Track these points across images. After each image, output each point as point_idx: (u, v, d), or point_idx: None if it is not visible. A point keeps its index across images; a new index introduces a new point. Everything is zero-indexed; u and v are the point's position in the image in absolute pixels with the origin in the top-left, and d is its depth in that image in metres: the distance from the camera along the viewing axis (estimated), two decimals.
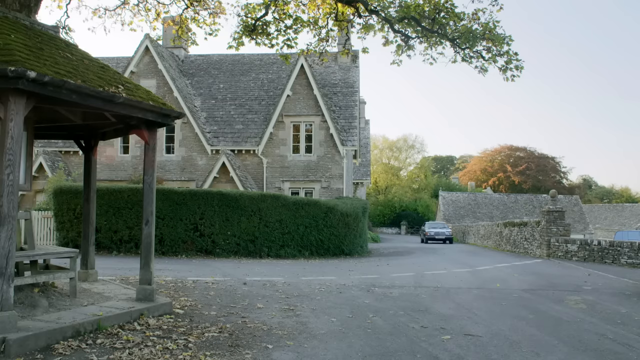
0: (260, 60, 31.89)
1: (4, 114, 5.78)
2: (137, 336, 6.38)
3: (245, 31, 14.00)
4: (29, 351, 5.59)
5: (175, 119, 8.07)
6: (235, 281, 11.45)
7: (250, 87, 29.99)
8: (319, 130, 27.11)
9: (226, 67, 31.53)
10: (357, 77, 30.27)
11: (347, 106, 28.65)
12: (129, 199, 16.90)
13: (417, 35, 13.78)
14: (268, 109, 28.17)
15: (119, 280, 10.20)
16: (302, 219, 18.53)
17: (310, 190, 26.89)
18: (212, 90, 30.01)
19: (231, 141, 27.44)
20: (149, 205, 7.84)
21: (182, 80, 29.82)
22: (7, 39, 6.32)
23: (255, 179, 26.91)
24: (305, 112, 27.31)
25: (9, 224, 5.75)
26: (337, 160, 26.91)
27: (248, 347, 6.18)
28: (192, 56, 32.93)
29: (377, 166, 68.54)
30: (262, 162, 27.02)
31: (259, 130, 27.49)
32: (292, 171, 27.13)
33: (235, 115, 28.50)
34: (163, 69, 27.69)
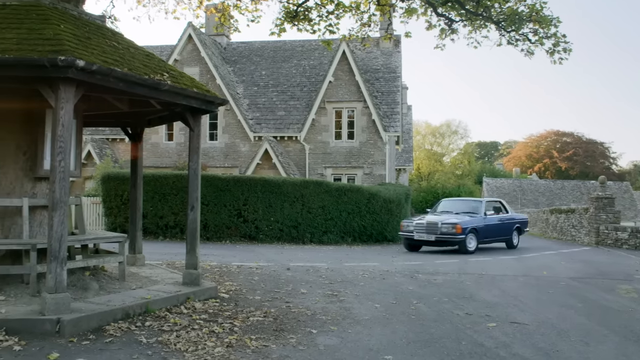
0: (301, 46, 31.85)
1: (55, 103, 5.93)
2: (184, 319, 6.50)
3: (287, 17, 13.97)
4: (81, 332, 5.77)
5: (218, 105, 8.14)
6: (278, 266, 11.55)
7: (292, 73, 30.01)
8: (361, 116, 26.98)
9: (268, 54, 31.62)
10: (399, 62, 29.95)
11: (389, 92, 28.41)
12: (174, 185, 17.18)
13: (461, 19, 13.52)
14: (310, 96, 28.16)
15: (165, 264, 10.41)
16: (345, 205, 18.52)
17: (353, 177, 26.85)
18: (255, 77, 30.16)
19: (273, 128, 27.58)
20: (194, 191, 7.95)
21: (225, 67, 30.04)
22: (57, 29, 6.46)
23: (297, 166, 27.00)
24: (347, 98, 27.21)
25: (61, 209, 5.92)
26: (379, 146, 26.77)
27: (292, 332, 6.23)
28: (234, 43, 33.12)
29: (419, 152, 67.84)
30: (305, 149, 27.07)
31: (301, 117, 27.53)
32: (334, 157, 27.11)
33: (277, 102, 28.60)
34: (206, 57, 27.95)
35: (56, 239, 5.90)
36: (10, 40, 6.04)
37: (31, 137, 7.42)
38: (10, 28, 6.36)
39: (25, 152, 7.43)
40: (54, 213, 5.92)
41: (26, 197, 7.31)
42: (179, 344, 5.54)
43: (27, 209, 7.18)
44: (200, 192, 8.25)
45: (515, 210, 40.98)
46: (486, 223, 17.61)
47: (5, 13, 6.78)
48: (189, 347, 5.46)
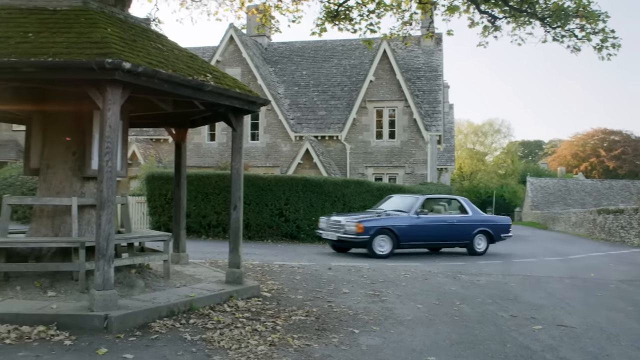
0: (342, 46, 31.83)
1: (102, 104, 6.07)
2: (227, 317, 6.58)
3: (328, 17, 13.97)
4: (128, 328, 5.89)
5: (261, 105, 8.21)
6: (320, 266, 11.57)
7: (333, 73, 30.03)
8: (402, 116, 26.81)
9: (308, 54, 31.71)
10: (440, 61, 29.65)
11: (431, 90, 28.16)
12: (217, 185, 17.39)
13: (505, 16, 13.27)
14: (351, 95, 28.13)
15: (208, 263, 10.54)
16: None
17: (394, 176, 26.71)
18: (295, 77, 30.29)
19: (314, 127, 27.65)
20: (236, 190, 8.03)
21: (266, 68, 30.26)
22: (104, 32, 6.62)
23: (338, 165, 27.00)
24: (388, 97, 27.08)
25: (108, 208, 6.06)
26: (420, 145, 26.55)
27: (334, 331, 6.24)
28: (275, 44, 33.33)
29: (461, 151, 67.06)
30: (345, 148, 27.06)
31: (342, 116, 27.52)
32: (375, 157, 27.02)
33: (318, 102, 28.66)
34: (247, 57, 28.21)
35: (104, 237, 6.04)
36: (60, 44, 6.21)
37: (80, 138, 7.62)
38: (60, 32, 6.54)
39: (74, 153, 7.64)
40: (101, 212, 6.06)
41: (75, 196, 7.51)
42: (222, 342, 5.61)
43: (75, 207, 7.37)
44: (243, 192, 8.32)
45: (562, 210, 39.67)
46: (416, 223, 14.72)
47: (56, 18, 6.98)
48: (233, 345, 5.52)
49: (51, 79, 6.20)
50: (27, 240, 7.40)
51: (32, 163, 7.98)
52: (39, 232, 7.68)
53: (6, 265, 7.01)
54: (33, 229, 7.82)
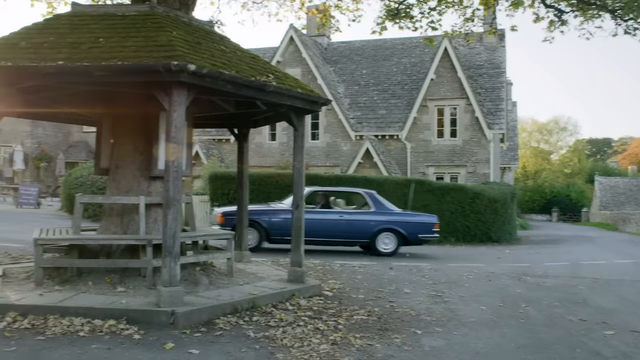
0: (402, 44, 31.58)
1: (168, 106, 6.23)
2: (290, 316, 6.63)
3: (388, 15, 13.88)
4: (193, 324, 6.03)
5: (322, 105, 8.24)
6: (381, 265, 11.51)
7: (393, 71, 29.83)
8: (464, 114, 26.36)
9: (368, 53, 31.61)
10: (503, 58, 28.97)
11: (493, 88, 27.56)
12: (278, 184, 17.57)
13: (572, 9, 12.84)
14: (411, 94, 27.86)
15: (270, 261, 10.65)
16: (448, 204, 18.19)
17: (456, 175, 26.29)
18: (355, 76, 30.26)
19: (375, 127, 27.55)
20: (298, 190, 8.08)
21: (326, 67, 30.36)
22: (170, 35, 6.79)
23: (399, 164, 26.80)
24: (449, 96, 26.68)
25: (174, 206, 6.22)
26: (483, 144, 26.03)
27: (396, 332, 6.19)
28: (335, 43, 33.38)
29: (525, 150, 65.27)
30: (406, 147, 26.83)
31: (402, 115, 27.30)
32: (436, 156, 26.68)
33: (378, 101, 28.54)
34: (307, 57, 28.38)
35: (170, 235, 6.20)
36: (129, 48, 6.42)
37: (147, 138, 7.85)
38: (129, 37, 6.76)
39: (142, 153, 7.88)
40: (167, 211, 6.22)
41: (142, 195, 7.74)
42: (285, 340, 5.66)
43: (143, 206, 7.59)
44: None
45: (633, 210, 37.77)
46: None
47: (125, 23, 7.22)
48: (295, 343, 5.56)
49: (120, 81, 6.41)
50: (98, 237, 7.69)
51: (102, 163, 8.28)
52: (108, 230, 7.96)
53: (79, 261, 7.31)
54: (103, 226, 8.12)
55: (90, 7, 8.37)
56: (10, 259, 9.66)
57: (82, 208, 7.87)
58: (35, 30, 7.16)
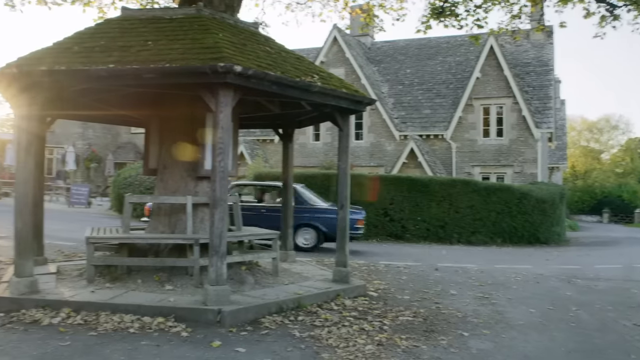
0: (447, 43, 31.22)
1: (215, 107, 6.32)
2: (335, 316, 6.63)
3: (433, 14, 13.73)
4: (240, 323, 6.09)
5: (367, 105, 8.22)
6: (426, 266, 11.41)
7: (437, 70, 29.52)
8: (511, 113, 25.88)
9: (412, 52, 31.36)
10: (551, 55, 28.30)
11: (541, 86, 26.96)
12: (322, 184, 17.58)
13: (625, 3, 12.43)
14: (456, 93, 27.51)
15: (314, 261, 10.68)
16: (494, 204, 17.89)
17: (502, 175, 25.83)
18: (399, 75, 30.07)
19: (419, 126, 27.32)
20: (343, 190, 8.07)
21: (369, 67, 30.26)
22: (216, 37, 6.88)
23: (444, 164, 26.51)
24: (495, 94, 26.23)
25: (221, 206, 6.29)
26: (530, 143, 25.50)
27: (443, 333, 6.12)
28: (378, 43, 33.24)
29: (574, 149, 63.63)
30: (451, 147, 26.51)
31: (447, 115, 26.99)
32: (482, 156, 26.27)
33: (422, 100, 28.29)
34: (351, 57, 28.35)
35: (217, 234, 6.28)
36: (176, 50, 6.53)
37: (193, 139, 7.97)
38: (177, 39, 6.88)
39: (189, 154, 8.00)
40: (214, 210, 6.30)
41: (189, 195, 7.87)
42: (330, 340, 5.66)
43: (190, 206, 7.72)
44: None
45: None
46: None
47: (173, 26, 7.35)
48: (340, 343, 5.56)
49: (168, 83, 6.53)
50: (146, 236, 7.85)
51: (151, 164, 8.46)
52: (156, 229, 8.12)
53: (129, 260, 7.48)
54: (151, 225, 8.29)
55: (139, 11, 8.56)
56: (63, 257, 9.96)
57: (132, 208, 8.05)
58: (87, 34, 7.36)
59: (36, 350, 5.03)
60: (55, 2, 12.36)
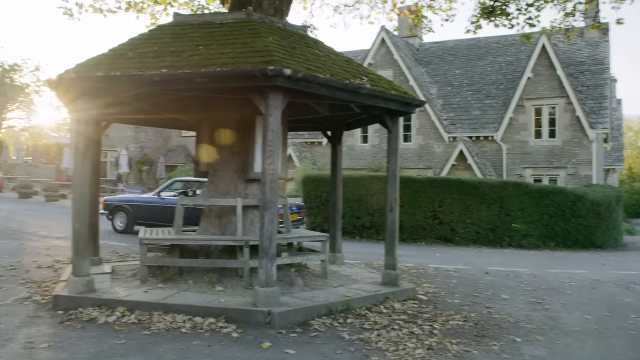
0: (496, 42, 30.68)
1: (265, 110, 6.37)
2: (384, 319, 6.60)
3: (483, 13, 13.52)
4: (289, 324, 6.13)
5: (416, 107, 8.15)
6: (476, 270, 11.22)
7: (487, 71, 29.03)
8: (564, 113, 25.22)
9: (461, 53, 30.95)
10: (607, 53, 27.43)
11: (596, 85, 26.17)
12: (370, 187, 17.54)
13: None
14: (507, 93, 26.99)
15: (363, 264, 10.65)
16: (547, 207, 17.44)
17: (555, 178, 25.19)
18: (448, 76, 29.72)
19: (468, 128, 26.92)
20: (392, 192, 8.02)
21: (417, 68, 30.01)
22: (266, 41, 6.95)
23: (494, 166, 26.04)
24: (547, 94, 25.61)
25: (270, 209, 6.34)
26: (584, 144, 24.78)
27: (494, 339, 6.01)
28: (427, 44, 32.94)
29: (631, 150, 61.54)
30: (502, 149, 26.01)
31: (497, 116, 26.51)
32: (533, 157, 25.68)
33: (472, 101, 27.87)
34: (399, 59, 28.17)
35: (266, 236, 6.33)
36: (227, 54, 6.63)
37: (243, 142, 8.07)
38: (227, 44, 6.98)
39: (239, 156, 8.11)
40: (264, 213, 6.36)
41: (239, 197, 7.97)
42: (379, 343, 5.64)
43: (240, 208, 7.81)
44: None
45: None
46: (153, 203, 15.22)
47: (223, 31, 7.47)
48: (390, 347, 5.52)
49: (219, 87, 6.62)
50: (198, 237, 7.97)
51: (202, 166, 8.59)
52: (207, 231, 8.25)
53: (180, 261, 7.62)
54: (202, 227, 8.42)
55: (191, 16, 8.71)
56: (117, 257, 10.24)
57: (183, 210, 8.20)
58: (141, 40, 7.54)
59: (93, 348, 5.18)
60: (110, 10, 12.76)
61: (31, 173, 38.50)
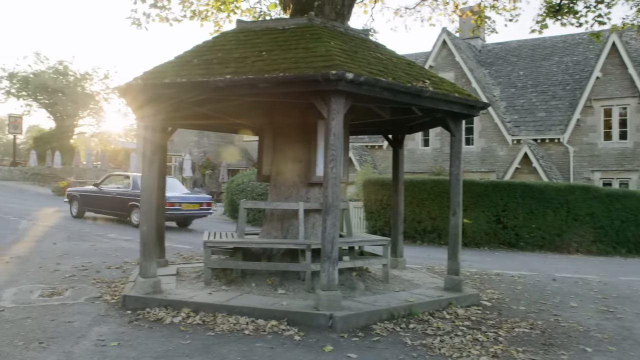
0: (563, 42, 29.79)
1: (327, 114, 6.40)
2: (447, 325, 6.50)
3: (549, 12, 13.17)
4: (351, 328, 6.12)
5: (480, 109, 8.00)
6: (542, 276, 10.90)
7: (553, 71, 28.21)
8: (636, 114, 24.22)
9: (525, 53, 30.20)
10: None
11: None
12: (432, 191, 17.31)
13: None
14: (574, 94, 26.16)
15: (425, 269, 10.52)
16: (617, 212, 16.76)
17: (626, 181, 24.20)
18: (511, 78, 29.05)
19: (533, 130, 26.22)
20: (455, 196, 7.90)
21: (480, 70, 29.48)
22: (328, 45, 6.98)
23: (560, 169, 25.26)
24: (618, 95, 24.66)
25: (333, 212, 6.36)
26: None
27: (563, 348, 5.82)
28: (489, 45, 32.33)
29: None
30: (568, 151, 25.21)
31: (564, 117, 25.71)
32: (603, 160, 24.77)
33: (536, 103, 27.14)
34: (460, 61, 27.76)
35: (329, 240, 6.35)
36: (289, 59, 6.69)
37: (305, 146, 8.12)
38: (289, 49, 7.05)
39: (301, 160, 8.17)
40: (326, 216, 6.38)
41: (301, 201, 8.02)
42: (443, 349, 5.55)
43: (302, 212, 7.87)
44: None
45: None
46: (94, 193, 18.95)
47: (286, 36, 7.55)
48: (454, 354, 5.43)
49: (282, 92, 6.69)
50: (260, 241, 8.08)
51: (264, 170, 8.71)
52: (269, 234, 8.34)
53: (244, 263, 7.73)
54: (265, 231, 8.52)
55: (253, 23, 8.85)
56: (182, 259, 10.49)
57: (246, 213, 8.32)
58: (205, 48, 7.72)
59: (160, 347, 5.32)
60: (176, 19, 13.12)
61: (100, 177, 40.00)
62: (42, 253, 11.00)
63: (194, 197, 18.57)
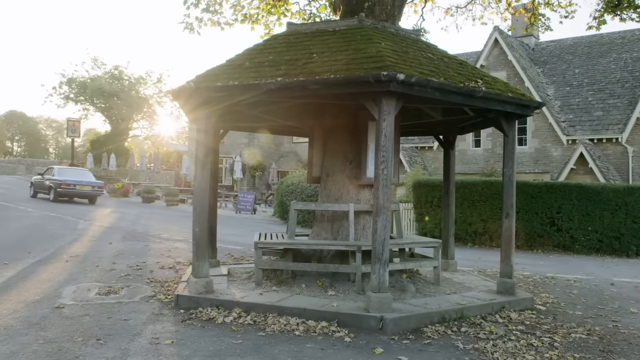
0: (621, 38, 28.83)
1: (378, 115, 6.38)
2: (500, 329, 6.38)
3: (607, 8, 12.77)
4: (401, 331, 6.08)
5: (534, 109, 7.83)
6: (600, 281, 10.58)
7: (611, 69, 27.32)
8: None
9: (581, 51, 29.36)
10: None
11: None
12: (483, 192, 17.03)
13: None
14: (633, 92, 25.27)
15: (476, 271, 10.36)
16: None
17: None
18: (566, 76, 28.28)
19: (589, 130, 25.46)
20: (509, 198, 7.75)
21: (533, 69, 28.82)
22: (379, 46, 6.95)
23: (618, 170, 24.44)
24: None
25: (383, 214, 6.33)
26: None
27: (623, 355, 5.63)
28: (543, 43, 31.57)
29: None
30: (627, 151, 24.37)
31: (622, 116, 24.87)
32: None
33: (593, 102, 26.34)
34: (513, 60, 27.20)
35: (379, 242, 6.32)
36: (340, 61, 6.70)
37: (355, 148, 8.12)
38: (340, 50, 7.06)
39: (351, 162, 8.17)
40: (377, 218, 6.35)
41: (351, 202, 8.02)
42: (496, 354, 5.45)
43: (352, 213, 7.86)
44: None
45: None
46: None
47: (336, 38, 7.57)
48: (507, 358, 5.33)
49: (332, 93, 6.70)
50: (310, 242, 8.11)
51: (314, 172, 8.74)
52: (320, 236, 8.37)
53: (294, 264, 7.78)
54: (315, 232, 8.55)
55: (304, 25, 8.89)
56: (232, 260, 10.63)
57: (296, 214, 8.37)
58: (257, 50, 7.81)
59: (212, 346, 5.41)
60: (227, 22, 13.32)
61: (153, 179, 41.01)
62: (99, 252, 11.33)
63: (86, 181, 26.14)
